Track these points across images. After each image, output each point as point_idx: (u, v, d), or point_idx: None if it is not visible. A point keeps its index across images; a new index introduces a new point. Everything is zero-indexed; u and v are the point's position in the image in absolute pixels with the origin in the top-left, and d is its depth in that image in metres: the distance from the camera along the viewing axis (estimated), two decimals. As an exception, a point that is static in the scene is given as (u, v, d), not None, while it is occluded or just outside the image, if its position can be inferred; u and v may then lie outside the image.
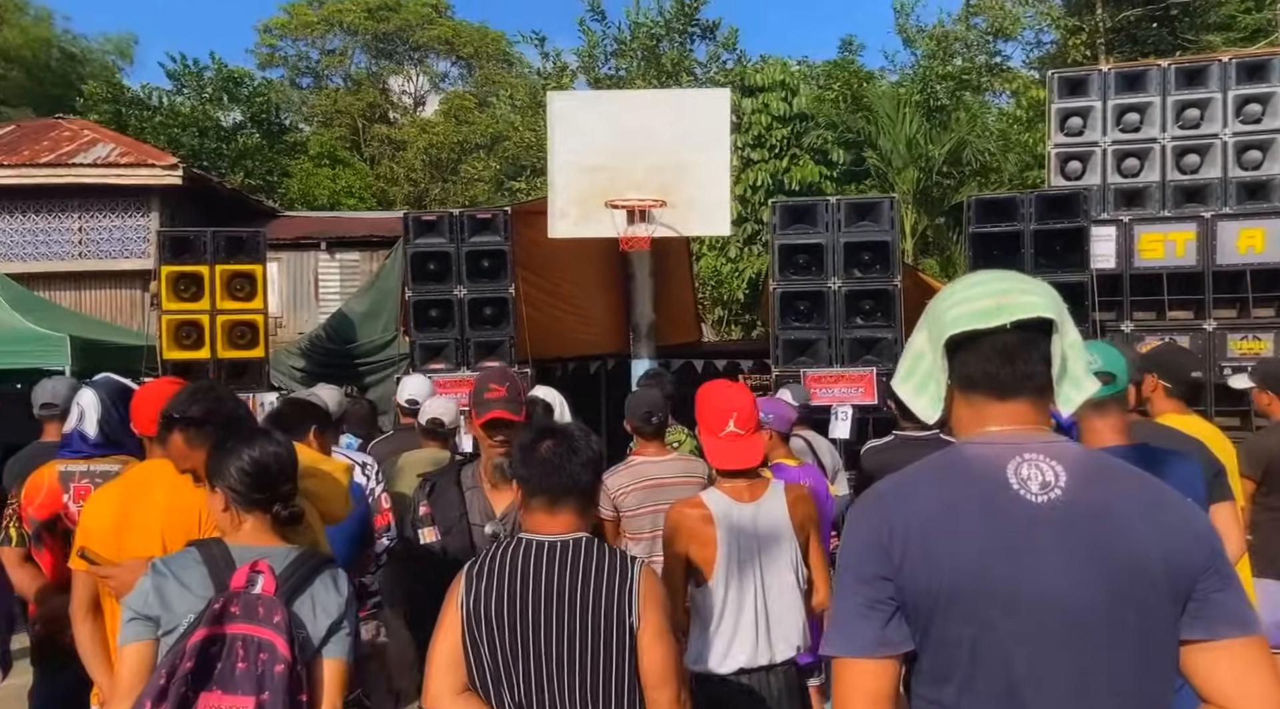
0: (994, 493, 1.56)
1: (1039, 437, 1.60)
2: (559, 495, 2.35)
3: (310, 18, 41.96)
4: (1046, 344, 1.61)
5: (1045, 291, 1.66)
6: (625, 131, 8.17)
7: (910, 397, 1.71)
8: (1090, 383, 1.65)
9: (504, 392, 3.13)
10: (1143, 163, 9.34)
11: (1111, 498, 1.55)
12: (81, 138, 13.11)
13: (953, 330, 1.62)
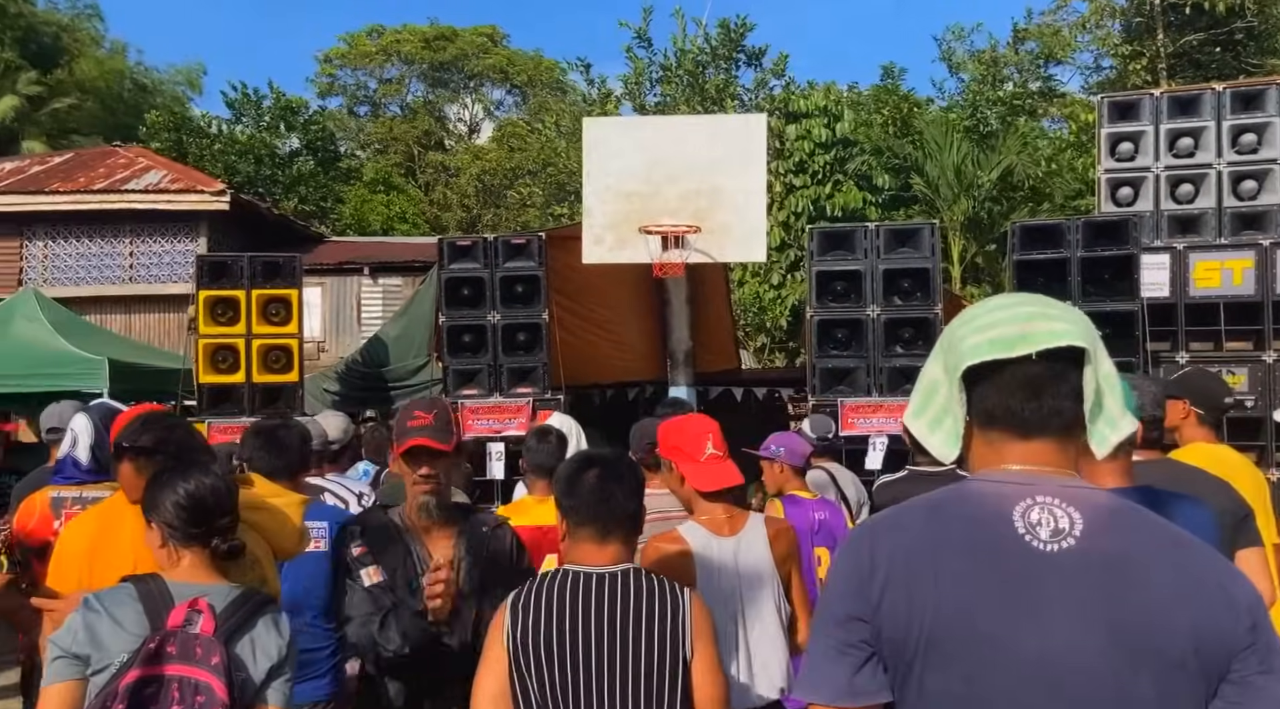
0: (994, 535, 1.41)
1: (1058, 479, 1.44)
2: (608, 526, 2.31)
3: (369, 48, 42.81)
4: (1077, 376, 1.46)
5: (1076, 318, 1.51)
6: (660, 157, 8.10)
7: (924, 433, 1.56)
8: (1128, 421, 1.50)
9: (430, 419, 2.83)
10: (1197, 189, 9.03)
11: (1134, 553, 1.38)
12: (136, 165, 13.40)
13: (971, 360, 1.47)
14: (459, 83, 44.38)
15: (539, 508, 3.76)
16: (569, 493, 2.36)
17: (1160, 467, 2.92)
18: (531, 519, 3.72)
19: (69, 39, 34.41)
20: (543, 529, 3.63)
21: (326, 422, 4.41)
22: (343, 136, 41.00)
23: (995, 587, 1.37)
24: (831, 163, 16.40)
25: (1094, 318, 5.22)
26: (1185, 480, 2.87)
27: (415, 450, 2.81)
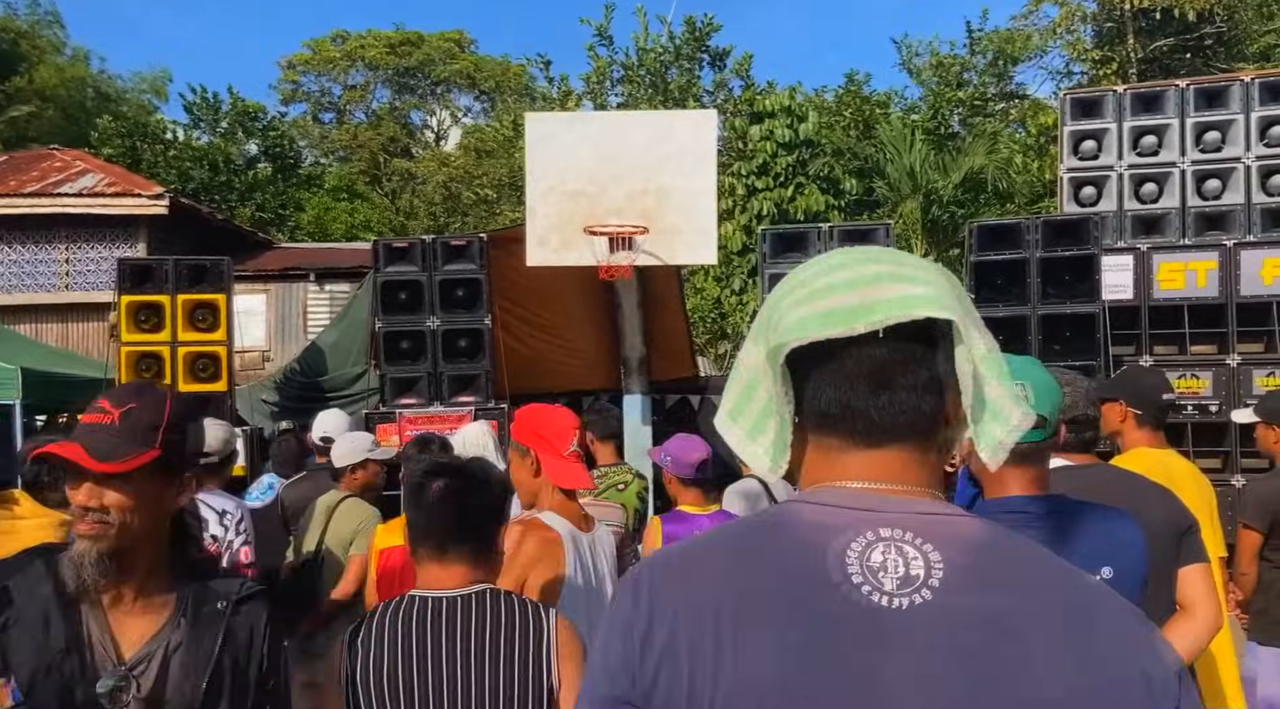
0: (817, 586, 1.00)
1: (913, 502, 1.05)
2: (447, 542, 2.04)
3: (333, 53, 42.31)
4: (942, 360, 1.06)
5: (939, 279, 1.09)
6: (607, 154, 7.77)
7: (741, 442, 1.13)
8: (1023, 415, 1.09)
9: (111, 416, 1.78)
10: (1161, 188, 8.84)
11: (1015, 613, 0.99)
12: (72, 168, 12.93)
13: (794, 341, 1.06)
14: (425, 89, 43.97)
15: None
16: (410, 504, 2.10)
17: (1091, 472, 2.61)
18: None
19: (28, 46, 33.72)
20: None
21: (206, 431, 4.03)
22: (306, 143, 40.45)
23: (813, 662, 0.98)
24: (794, 165, 16.12)
25: (1055, 320, 4.92)
26: (1120, 488, 2.57)
27: (66, 464, 1.74)
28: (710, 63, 18.88)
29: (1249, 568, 3.72)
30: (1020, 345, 7.60)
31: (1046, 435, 2.03)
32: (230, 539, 3.56)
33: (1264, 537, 3.72)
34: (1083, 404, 2.59)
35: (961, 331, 1.06)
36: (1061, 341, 7.62)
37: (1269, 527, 3.72)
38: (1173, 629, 2.43)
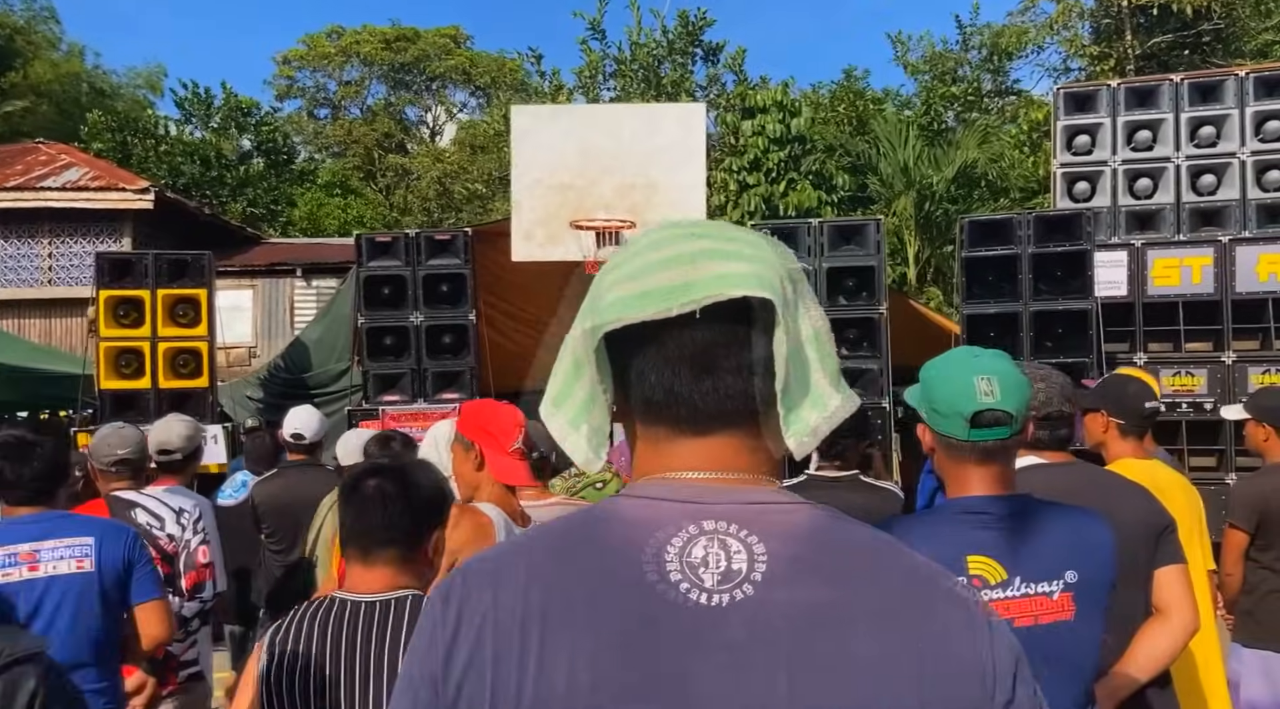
0: (632, 585, 0.94)
1: (741, 492, 0.99)
2: (371, 544, 1.97)
3: (328, 49, 42.15)
4: (765, 341, 0.99)
5: (765, 255, 1.03)
6: (594, 148, 7.68)
7: (564, 432, 1.07)
8: (844, 401, 1.04)
9: None
10: (1156, 183, 8.73)
11: (838, 602, 0.93)
12: (57, 162, 12.79)
13: (610, 322, 1.00)
14: (420, 84, 43.82)
15: None
16: (341, 503, 2.04)
17: (1066, 471, 2.50)
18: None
19: (23, 41, 33.57)
20: None
21: (168, 428, 3.93)
22: (301, 139, 40.31)
23: (623, 668, 0.92)
24: (786, 160, 16.00)
25: (1047, 317, 4.80)
26: (1095, 486, 2.48)
27: None
28: (704, 57, 18.76)
29: (1234, 569, 3.63)
30: (1012, 342, 7.49)
31: (1012, 432, 1.92)
32: (187, 538, 3.45)
33: (1250, 537, 3.63)
34: (1057, 401, 2.49)
35: (779, 311, 0.98)
36: (1054, 339, 7.52)
37: (1255, 527, 3.63)
38: (1148, 632, 2.34)
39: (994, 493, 1.93)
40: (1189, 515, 2.95)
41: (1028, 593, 1.83)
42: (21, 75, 31.03)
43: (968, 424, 1.87)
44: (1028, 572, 1.84)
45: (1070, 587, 1.85)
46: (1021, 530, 1.87)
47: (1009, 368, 1.95)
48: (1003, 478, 1.95)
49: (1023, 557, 1.84)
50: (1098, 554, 1.91)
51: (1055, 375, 2.55)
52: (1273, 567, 3.60)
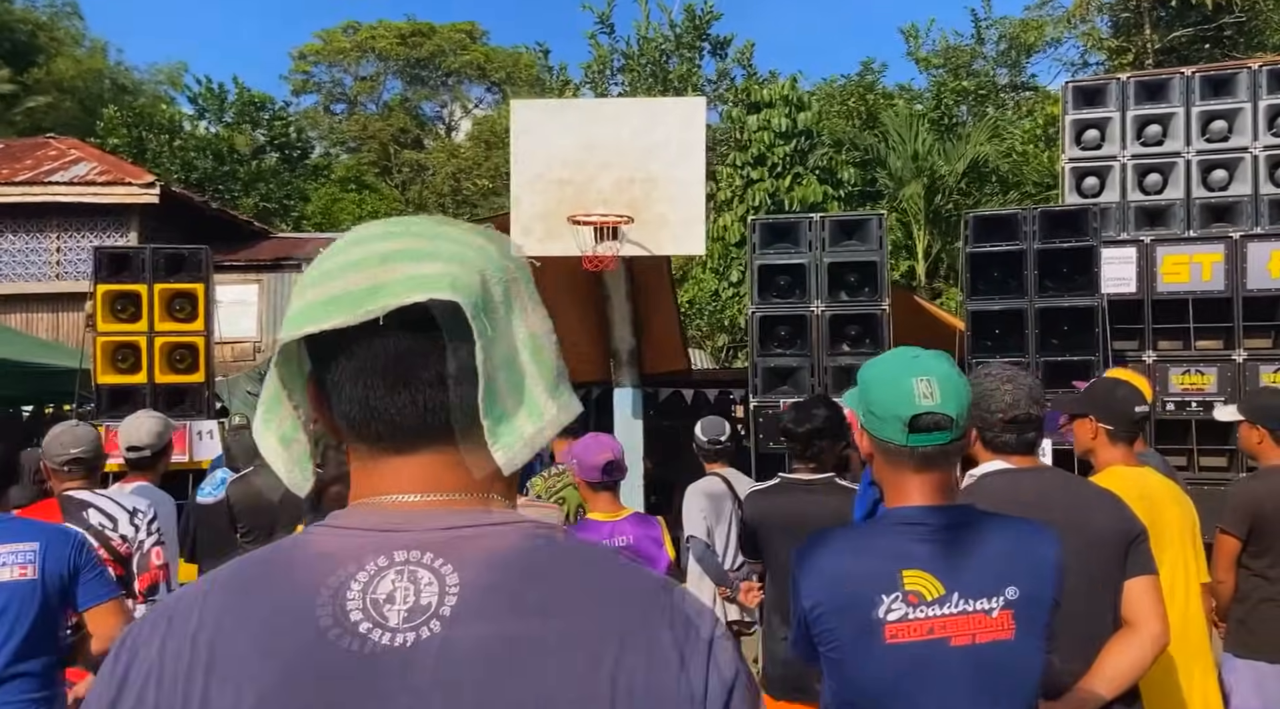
0: (306, 628, 0.86)
1: (445, 517, 0.90)
2: None
3: (344, 44, 42.28)
4: (469, 348, 0.90)
5: (464, 253, 0.94)
6: (593, 143, 7.61)
7: (275, 452, 0.98)
8: (559, 409, 0.97)
9: None
10: (1166, 178, 8.59)
11: (532, 636, 0.85)
12: (66, 157, 12.82)
13: (293, 332, 0.92)
14: (436, 80, 43.86)
15: None
16: (308, 510, 2.15)
17: (1032, 477, 2.39)
18: None
19: (46, 37, 33.83)
20: None
21: (137, 425, 3.89)
22: (316, 134, 40.45)
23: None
24: (791, 155, 15.86)
25: (1052, 314, 4.67)
26: (1064, 492, 2.37)
27: None
28: (711, 51, 18.65)
29: (1226, 576, 3.51)
30: (1017, 339, 7.39)
31: (952, 437, 1.82)
32: (141, 539, 3.39)
33: (1242, 543, 3.51)
34: (1025, 403, 2.39)
35: (471, 315, 0.90)
36: (1059, 336, 7.39)
37: (1247, 533, 3.51)
38: (1115, 646, 2.24)
39: (933, 503, 1.84)
40: (1181, 525, 2.84)
41: (966, 610, 1.73)
42: (45, 71, 31.26)
43: (906, 429, 1.78)
44: (966, 587, 1.75)
45: (1010, 604, 1.75)
46: (961, 543, 1.78)
47: (950, 370, 1.85)
48: (942, 486, 1.85)
49: (962, 571, 1.76)
50: (1041, 570, 1.81)
51: (1022, 376, 2.45)
52: (1265, 574, 3.48)
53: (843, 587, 1.78)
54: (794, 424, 3.53)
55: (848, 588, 1.77)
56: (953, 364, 1.87)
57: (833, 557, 1.83)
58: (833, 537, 1.90)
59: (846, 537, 1.91)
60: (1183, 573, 2.78)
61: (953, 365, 1.87)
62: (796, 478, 3.51)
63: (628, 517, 3.36)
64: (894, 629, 1.72)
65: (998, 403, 2.40)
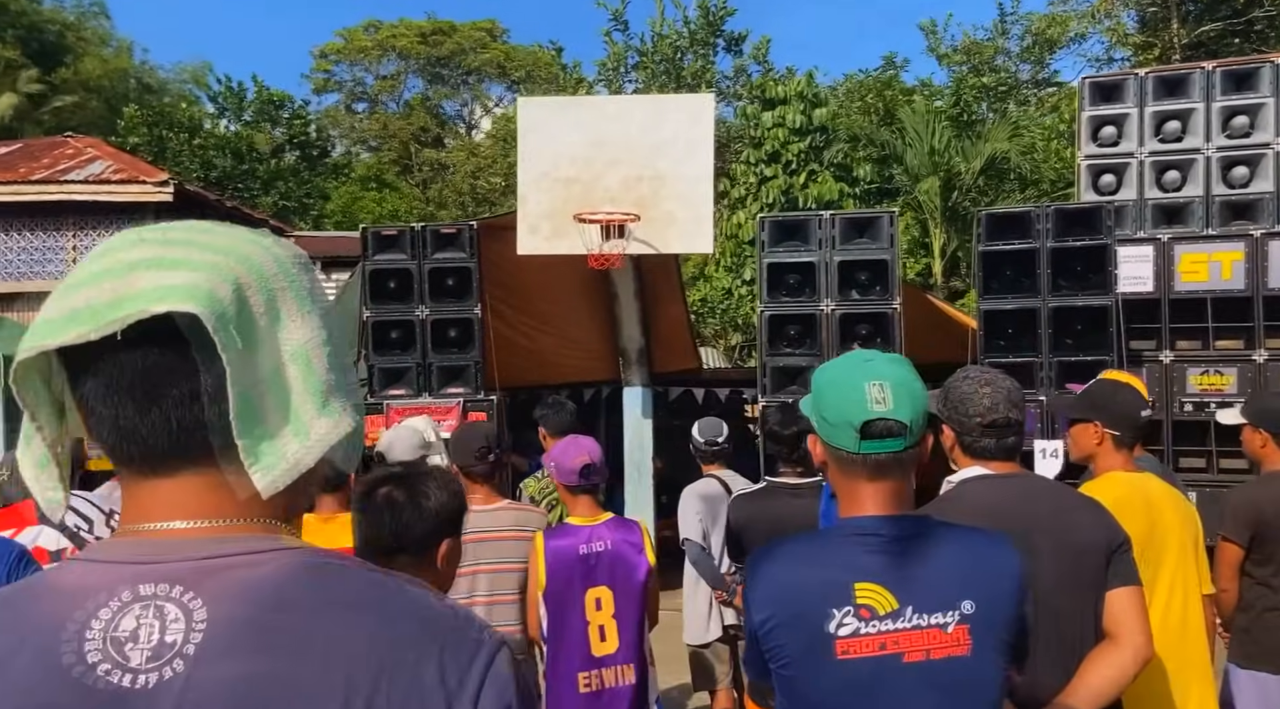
0: (49, 672, 0.80)
1: (202, 546, 0.85)
2: (387, 551, 2.02)
3: (365, 43, 42.38)
4: (216, 362, 0.84)
5: (217, 261, 0.87)
6: (600, 140, 7.55)
7: (34, 477, 0.92)
8: (331, 425, 0.90)
9: None
10: (1185, 175, 8.44)
11: (279, 676, 0.79)
12: (83, 155, 12.89)
13: (24, 351, 0.86)
14: (456, 79, 43.91)
15: (325, 529, 3.18)
16: (355, 511, 2.15)
17: (1010, 484, 2.29)
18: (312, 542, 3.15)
19: (73, 37, 34.18)
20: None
21: None
22: (337, 133, 40.61)
23: None
24: (807, 151, 15.71)
25: (1066, 313, 4.57)
26: (1042, 500, 2.27)
27: None
28: (726, 48, 18.53)
29: (1229, 585, 3.40)
30: (1030, 339, 7.27)
31: (907, 444, 1.72)
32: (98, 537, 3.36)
33: (1245, 550, 3.40)
34: (1003, 407, 2.30)
35: (214, 328, 0.83)
36: (1073, 335, 7.28)
37: (1250, 540, 3.40)
38: (1095, 660, 2.15)
39: (887, 512, 1.74)
40: (1182, 533, 2.73)
41: (920, 625, 1.65)
42: (72, 71, 31.55)
43: (858, 435, 1.70)
44: (921, 601, 1.67)
45: (967, 619, 1.66)
46: (916, 555, 1.70)
47: (905, 373, 1.76)
48: (897, 495, 1.76)
49: (916, 584, 1.67)
50: (1001, 583, 1.71)
51: (1001, 379, 2.36)
52: (1269, 582, 3.37)
53: (793, 600, 1.70)
54: (780, 426, 3.46)
55: (798, 601, 1.70)
56: (908, 368, 1.79)
57: (783, 568, 1.76)
58: (783, 547, 1.83)
59: (797, 547, 1.83)
60: (1182, 583, 2.68)
61: (908, 369, 1.79)
62: (783, 482, 3.44)
63: (607, 521, 3.28)
64: (845, 644, 1.64)
65: (976, 407, 2.32)
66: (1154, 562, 2.66)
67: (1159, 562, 2.66)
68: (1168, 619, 2.64)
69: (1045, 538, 2.18)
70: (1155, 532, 2.67)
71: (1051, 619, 2.15)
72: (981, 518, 2.16)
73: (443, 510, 2.08)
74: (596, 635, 3.15)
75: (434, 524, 2.06)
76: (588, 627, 3.15)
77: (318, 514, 3.22)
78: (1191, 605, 2.69)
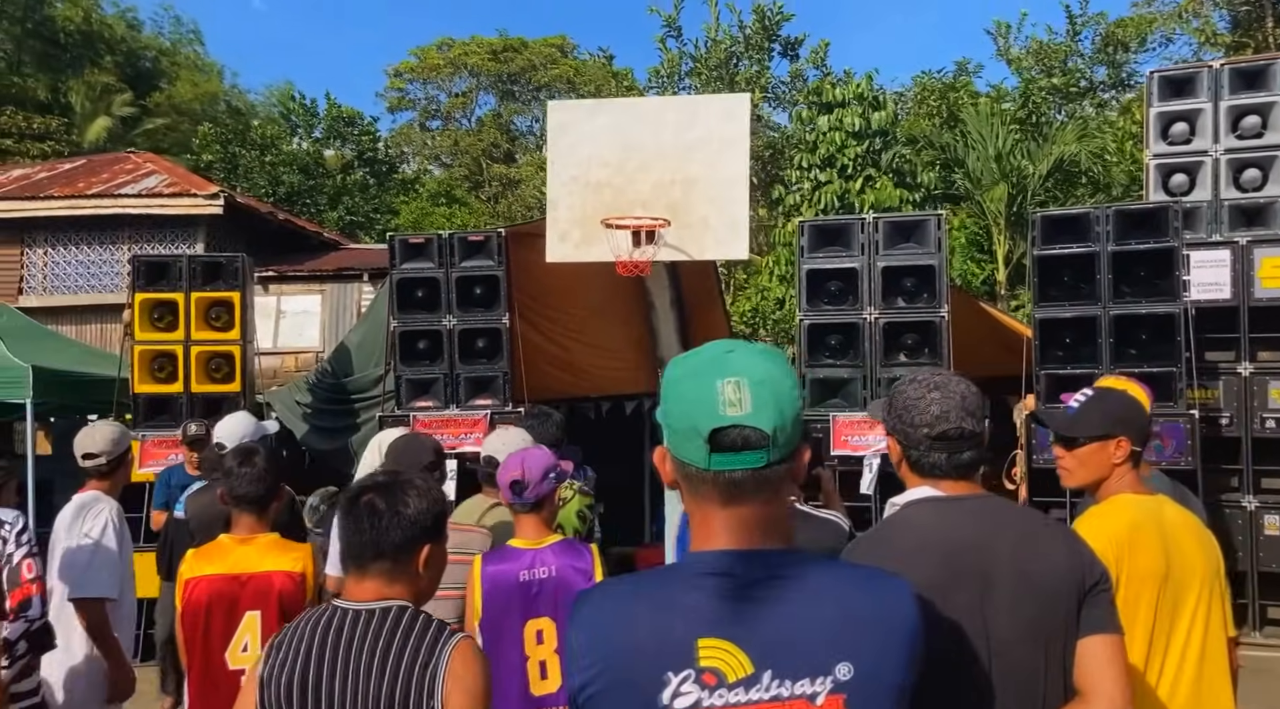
0: None
1: None
2: (363, 556, 2.09)
3: (437, 60, 42.93)
4: None
5: None
6: (632, 143, 7.26)
7: None
8: None
9: None
10: (1265, 174, 7.86)
11: None
12: (141, 170, 13.10)
13: None
14: (527, 94, 44.22)
15: (238, 550, 2.93)
16: (341, 517, 2.16)
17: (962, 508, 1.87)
18: (225, 566, 2.88)
19: (168, 62, 35.37)
20: (239, 578, 2.81)
21: (91, 432, 3.73)
22: (410, 150, 41.16)
23: None
24: (864, 155, 15.15)
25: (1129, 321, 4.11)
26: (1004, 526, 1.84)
27: None
28: (782, 53, 18.11)
29: None
30: (1090, 349, 6.78)
31: (771, 459, 1.33)
32: (9, 552, 3.18)
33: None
34: (955, 416, 1.90)
35: None
36: (1137, 345, 6.77)
37: None
38: None
39: (743, 546, 1.35)
40: (1205, 567, 2.31)
41: (780, 695, 1.27)
42: (165, 95, 32.57)
43: (707, 446, 1.33)
44: (782, 664, 1.29)
45: (842, 686, 1.28)
46: (779, 603, 1.32)
47: (772, 369, 1.37)
48: (759, 524, 1.36)
49: (778, 642, 1.30)
50: (889, 639, 1.33)
51: (955, 383, 1.96)
52: None
53: (622, 660, 1.32)
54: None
55: (628, 662, 1.31)
56: (778, 362, 1.40)
57: (613, 616, 1.37)
58: (617, 587, 1.44)
59: (635, 588, 1.42)
60: (1203, 624, 2.26)
61: (778, 363, 1.39)
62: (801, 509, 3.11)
63: (552, 544, 2.95)
64: None
65: (923, 415, 1.92)
66: (1173, 600, 2.25)
67: (1179, 600, 2.25)
68: (1183, 670, 2.23)
69: (1005, 575, 1.78)
70: (1174, 565, 2.26)
71: (1009, 674, 1.75)
72: (928, 551, 1.79)
73: (421, 517, 2.12)
74: (536, 672, 2.84)
75: (413, 531, 2.10)
76: (526, 662, 2.84)
77: (234, 535, 2.98)
78: (1212, 651, 2.26)
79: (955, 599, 1.76)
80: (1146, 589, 2.23)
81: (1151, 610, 2.23)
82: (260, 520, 2.98)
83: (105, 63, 30.53)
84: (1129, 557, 2.23)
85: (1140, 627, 2.22)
